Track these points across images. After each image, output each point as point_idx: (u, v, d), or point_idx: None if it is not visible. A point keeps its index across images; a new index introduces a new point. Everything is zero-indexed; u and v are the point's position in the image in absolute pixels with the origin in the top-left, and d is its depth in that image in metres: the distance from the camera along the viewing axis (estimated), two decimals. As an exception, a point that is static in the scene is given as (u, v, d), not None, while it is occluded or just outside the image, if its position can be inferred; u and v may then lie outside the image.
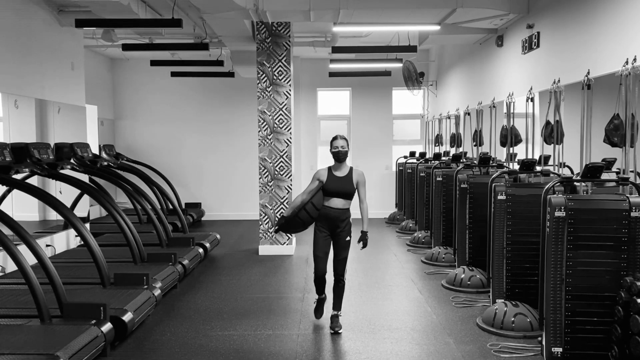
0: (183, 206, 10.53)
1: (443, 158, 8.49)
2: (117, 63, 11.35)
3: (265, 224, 7.77)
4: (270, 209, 7.75)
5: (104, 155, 9.08)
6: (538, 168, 5.13)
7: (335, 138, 4.73)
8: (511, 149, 6.06)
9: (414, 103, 11.69)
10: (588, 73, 4.44)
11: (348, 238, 4.69)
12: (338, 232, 4.66)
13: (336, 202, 4.62)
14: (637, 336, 3.37)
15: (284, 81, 7.69)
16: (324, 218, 4.64)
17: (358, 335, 4.61)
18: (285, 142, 7.75)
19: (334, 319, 4.74)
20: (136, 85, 11.40)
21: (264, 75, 7.68)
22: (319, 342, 4.47)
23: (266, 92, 7.69)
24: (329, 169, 4.71)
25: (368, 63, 9.67)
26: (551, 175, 4.92)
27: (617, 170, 4.22)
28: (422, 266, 7.06)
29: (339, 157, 4.67)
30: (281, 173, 7.77)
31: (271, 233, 7.66)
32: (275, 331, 4.73)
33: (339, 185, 4.61)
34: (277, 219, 4.64)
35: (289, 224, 4.70)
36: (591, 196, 4.01)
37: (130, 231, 5.95)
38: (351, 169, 4.71)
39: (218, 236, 8.15)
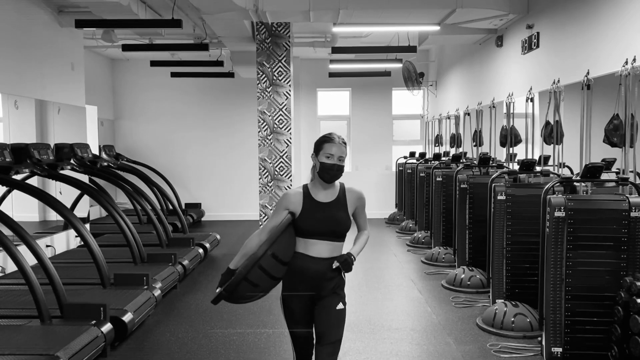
0: (183, 206, 10.53)
1: (443, 158, 8.50)
2: (117, 63, 11.35)
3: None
4: (270, 210, 7.74)
5: (103, 155, 9.08)
6: (538, 168, 5.13)
7: (328, 139, 2.78)
8: (511, 149, 6.06)
9: (414, 103, 11.69)
10: (588, 73, 4.45)
11: (341, 305, 2.85)
12: (323, 295, 2.80)
13: (320, 248, 2.75)
14: (637, 336, 3.37)
15: (284, 81, 7.69)
16: (299, 276, 2.76)
17: (358, 335, 4.61)
18: (285, 142, 7.75)
19: None
20: (136, 86, 11.40)
21: (264, 75, 7.68)
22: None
23: (266, 93, 7.69)
24: (306, 189, 2.82)
25: (368, 63, 9.67)
26: (551, 175, 4.92)
27: (617, 170, 4.22)
28: (422, 266, 7.06)
29: (332, 174, 2.76)
30: (281, 173, 7.77)
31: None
32: (275, 330, 4.73)
33: (324, 217, 2.74)
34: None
35: (235, 291, 2.67)
36: (591, 196, 4.01)
37: (130, 231, 5.95)
38: (343, 187, 2.86)
39: (218, 236, 8.15)
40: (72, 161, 6.33)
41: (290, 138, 7.78)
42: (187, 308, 5.39)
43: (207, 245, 7.41)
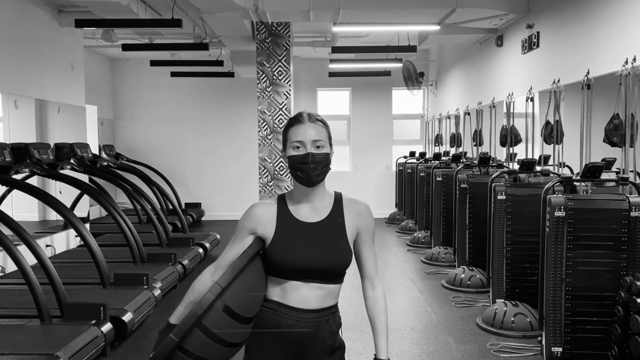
0: (183, 206, 10.53)
1: (443, 158, 8.50)
2: (117, 63, 11.35)
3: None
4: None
5: (103, 155, 9.08)
6: (538, 168, 5.13)
7: (293, 121, 1.87)
8: (511, 149, 6.06)
9: (414, 103, 11.69)
10: (588, 73, 4.45)
11: None
12: None
13: (304, 295, 1.84)
14: (637, 336, 3.37)
15: (284, 81, 7.69)
16: (271, 339, 1.85)
17: (358, 335, 4.61)
18: (285, 142, 7.74)
19: None
20: (136, 85, 11.40)
21: (264, 75, 7.67)
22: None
23: (266, 92, 7.69)
24: (281, 201, 1.92)
25: (368, 63, 9.66)
26: (551, 175, 4.92)
27: (617, 170, 4.22)
28: (422, 266, 7.06)
29: (307, 170, 1.81)
30: (281, 173, 7.76)
31: None
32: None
33: (310, 246, 1.84)
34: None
35: None
36: (591, 196, 4.01)
37: (130, 231, 5.95)
38: (339, 198, 1.92)
39: (218, 236, 8.14)
40: (72, 161, 6.33)
41: (290, 138, 7.77)
42: (187, 308, 5.38)
43: (207, 244, 7.41)
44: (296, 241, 1.84)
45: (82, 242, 5.60)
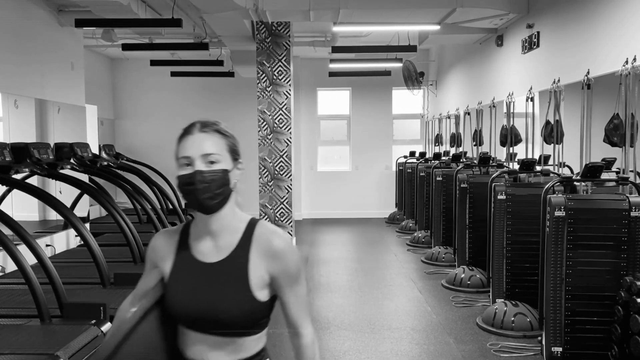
0: (183, 206, 10.51)
1: (443, 158, 8.50)
2: (117, 63, 11.35)
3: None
4: (270, 209, 7.75)
5: (103, 155, 9.07)
6: (538, 168, 5.13)
7: (186, 131, 1.59)
8: (511, 148, 6.06)
9: (414, 103, 11.69)
10: (588, 73, 4.44)
11: None
12: None
13: (203, 348, 1.49)
14: (637, 336, 3.37)
15: (284, 81, 7.69)
16: None
17: (358, 335, 4.61)
18: (285, 142, 7.75)
19: None
20: (136, 85, 11.40)
21: (264, 75, 7.67)
22: (319, 342, 4.47)
23: (266, 92, 7.69)
24: (184, 232, 1.58)
25: (368, 63, 9.67)
26: (551, 175, 4.92)
27: (617, 170, 4.22)
28: (422, 266, 7.06)
29: (195, 193, 1.47)
30: (281, 173, 7.77)
31: None
32: (275, 330, 4.73)
33: (201, 292, 1.48)
34: None
35: None
36: (591, 196, 4.01)
37: (130, 231, 5.95)
38: (251, 228, 1.55)
39: (218, 236, 8.13)
40: (72, 160, 6.32)
41: (290, 137, 7.78)
42: (187, 307, 5.38)
43: (207, 244, 7.40)
44: (190, 286, 1.48)
45: (82, 242, 5.59)
